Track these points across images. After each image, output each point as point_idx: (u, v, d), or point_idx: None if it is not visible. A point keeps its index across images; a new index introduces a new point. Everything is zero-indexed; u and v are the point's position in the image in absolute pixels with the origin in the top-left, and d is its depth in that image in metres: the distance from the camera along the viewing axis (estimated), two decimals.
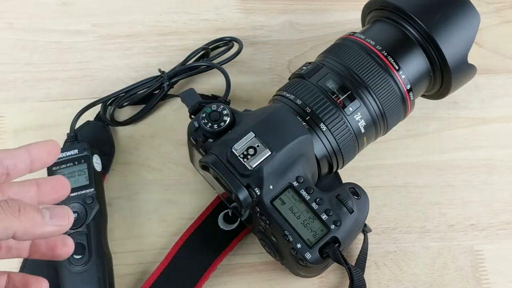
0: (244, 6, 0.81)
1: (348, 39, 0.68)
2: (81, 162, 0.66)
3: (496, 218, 0.71)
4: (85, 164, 0.65)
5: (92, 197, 0.64)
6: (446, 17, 0.65)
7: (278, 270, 0.67)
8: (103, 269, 0.63)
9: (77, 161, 0.66)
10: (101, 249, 0.64)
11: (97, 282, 0.62)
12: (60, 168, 0.65)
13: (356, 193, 0.61)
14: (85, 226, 0.63)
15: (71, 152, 0.66)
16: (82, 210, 0.63)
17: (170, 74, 0.72)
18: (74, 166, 0.65)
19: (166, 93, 0.72)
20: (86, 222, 0.63)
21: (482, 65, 0.72)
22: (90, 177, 0.65)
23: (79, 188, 0.64)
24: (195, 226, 0.68)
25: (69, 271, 0.62)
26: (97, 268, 0.63)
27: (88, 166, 0.65)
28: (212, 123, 0.61)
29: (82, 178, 0.65)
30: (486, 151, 0.74)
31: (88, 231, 0.63)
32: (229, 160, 0.58)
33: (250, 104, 0.74)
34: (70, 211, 0.44)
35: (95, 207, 0.64)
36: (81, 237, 0.63)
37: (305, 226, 0.59)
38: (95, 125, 0.72)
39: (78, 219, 0.63)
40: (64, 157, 0.65)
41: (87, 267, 0.62)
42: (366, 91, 0.64)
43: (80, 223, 0.63)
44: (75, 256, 0.62)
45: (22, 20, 0.79)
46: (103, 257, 0.64)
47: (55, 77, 0.76)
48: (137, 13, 0.80)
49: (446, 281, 0.68)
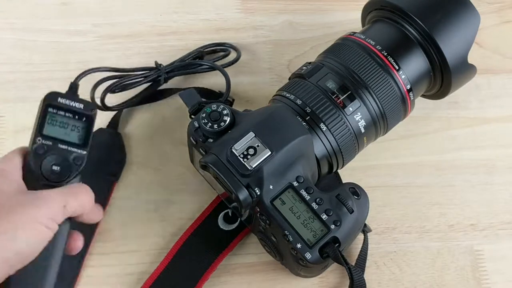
0: (244, 6, 0.81)
1: (348, 39, 0.68)
2: (81, 120, 0.58)
3: (496, 218, 0.71)
4: (85, 123, 0.58)
5: (82, 160, 0.57)
6: (446, 17, 0.65)
7: (278, 270, 0.67)
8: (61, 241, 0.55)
9: (78, 116, 0.58)
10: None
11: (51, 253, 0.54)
12: (57, 112, 0.58)
13: (356, 193, 0.61)
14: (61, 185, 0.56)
15: (76, 104, 0.58)
16: (66, 166, 0.56)
17: (168, 68, 0.72)
18: (71, 119, 0.58)
19: (160, 85, 0.72)
20: (65, 180, 0.56)
21: (482, 65, 0.72)
22: (86, 138, 0.58)
23: (70, 143, 0.57)
24: (195, 226, 0.68)
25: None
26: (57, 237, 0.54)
27: (88, 127, 0.58)
28: (212, 123, 0.61)
29: (75, 134, 0.58)
30: (486, 151, 0.74)
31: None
32: (229, 160, 0.58)
33: (250, 104, 0.74)
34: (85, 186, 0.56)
35: (80, 172, 0.57)
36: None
37: (305, 226, 0.59)
38: (107, 132, 0.72)
39: (58, 173, 0.56)
40: (66, 105, 0.58)
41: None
42: (366, 91, 0.64)
43: (60, 179, 0.56)
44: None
45: (22, 20, 0.79)
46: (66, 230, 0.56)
47: (55, 77, 0.76)
48: (137, 13, 0.80)
49: (446, 281, 0.68)
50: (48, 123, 0.57)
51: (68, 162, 0.56)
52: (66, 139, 0.57)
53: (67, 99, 0.58)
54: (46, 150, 0.56)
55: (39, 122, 0.57)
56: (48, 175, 0.55)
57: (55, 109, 0.58)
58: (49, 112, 0.58)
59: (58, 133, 0.57)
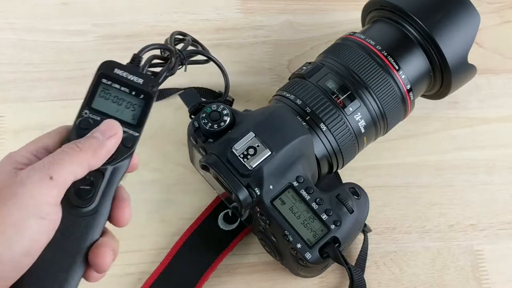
0: (244, 6, 0.81)
1: (348, 39, 0.68)
2: (138, 96, 0.50)
3: (496, 218, 0.71)
4: (142, 101, 0.50)
5: (132, 142, 0.49)
6: (446, 17, 0.65)
7: (278, 270, 0.67)
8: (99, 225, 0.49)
9: (135, 91, 0.50)
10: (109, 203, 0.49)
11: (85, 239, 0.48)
12: (111, 84, 0.50)
13: (356, 193, 0.61)
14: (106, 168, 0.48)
15: (134, 77, 0.50)
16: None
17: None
18: (127, 94, 0.50)
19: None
20: (110, 164, 0.48)
21: (482, 65, 0.72)
22: (142, 118, 0.50)
23: (121, 122, 0.49)
24: (195, 226, 0.68)
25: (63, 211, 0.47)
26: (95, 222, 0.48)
27: (145, 105, 0.50)
28: (212, 123, 0.61)
29: (129, 112, 0.50)
30: (486, 151, 0.74)
31: (106, 174, 0.49)
32: (229, 160, 0.58)
33: (250, 104, 0.74)
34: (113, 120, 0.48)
35: (129, 155, 0.49)
36: (95, 176, 0.48)
37: (305, 226, 0.59)
38: None
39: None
40: (123, 77, 0.50)
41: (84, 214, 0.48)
42: (366, 91, 0.64)
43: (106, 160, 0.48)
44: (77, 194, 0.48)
45: (22, 20, 0.79)
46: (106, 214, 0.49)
47: (55, 77, 0.76)
48: (137, 13, 0.80)
49: (446, 281, 0.68)
50: (99, 96, 0.50)
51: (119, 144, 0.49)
52: (118, 117, 0.49)
53: (125, 71, 0.50)
54: (92, 126, 0.48)
55: (89, 94, 0.50)
56: None
57: (110, 80, 0.50)
58: (102, 83, 0.50)
59: (110, 108, 0.49)
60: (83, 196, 0.47)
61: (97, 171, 0.48)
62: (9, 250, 0.42)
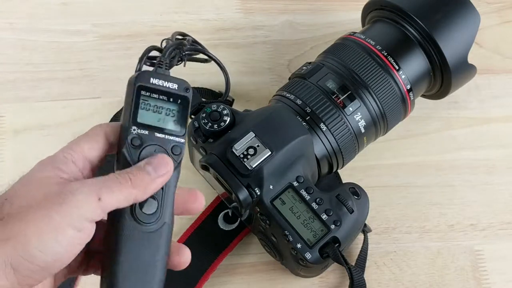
0: (244, 6, 0.81)
1: (348, 39, 0.68)
2: (176, 102, 0.50)
3: (496, 218, 0.71)
4: (180, 106, 0.50)
5: (181, 149, 0.50)
6: (446, 17, 0.65)
7: (278, 270, 0.67)
8: (169, 236, 0.50)
9: (173, 98, 0.50)
10: (172, 212, 0.51)
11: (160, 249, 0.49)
12: (150, 95, 0.50)
13: (356, 193, 0.61)
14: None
15: (169, 84, 0.50)
16: None
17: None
18: (166, 102, 0.50)
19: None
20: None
21: (482, 65, 0.72)
22: (183, 123, 0.51)
23: (166, 131, 0.50)
24: (195, 226, 0.68)
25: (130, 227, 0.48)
26: (165, 233, 0.50)
27: (183, 110, 0.51)
28: (212, 123, 0.61)
29: (171, 120, 0.50)
30: (486, 151, 0.74)
31: (165, 186, 0.50)
32: (229, 160, 0.58)
33: (250, 104, 0.74)
34: (166, 156, 0.48)
35: (180, 161, 0.50)
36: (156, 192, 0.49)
37: (305, 226, 0.59)
38: None
39: None
40: (159, 85, 0.50)
41: (155, 227, 0.49)
42: (366, 91, 0.64)
43: None
44: (144, 212, 0.49)
45: (22, 20, 0.79)
46: (172, 222, 0.51)
47: (55, 77, 0.76)
48: (137, 13, 0.80)
49: (446, 281, 0.68)
50: (141, 108, 0.49)
51: (166, 153, 0.49)
52: (162, 126, 0.50)
53: (160, 79, 0.50)
54: (143, 141, 0.49)
55: (132, 109, 0.49)
56: None
57: (148, 91, 0.50)
58: (142, 96, 0.49)
59: (153, 119, 0.49)
60: (150, 211, 0.49)
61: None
62: (42, 252, 0.43)
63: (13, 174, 0.48)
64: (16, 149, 0.72)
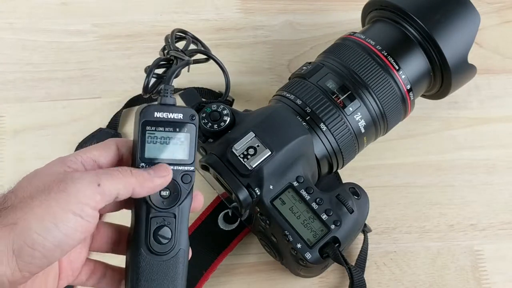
0: (244, 6, 0.81)
1: (348, 39, 0.68)
2: (183, 131, 0.51)
3: (496, 218, 0.71)
4: (187, 134, 0.51)
5: (190, 177, 0.51)
6: (446, 17, 0.65)
7: (278, 270, 0.67)
8: (186, 260, 0.52)
9: (179, 127, 0.51)
10: (186, 237, 0.52)
11: (178, 275, 0.51)
12: (156, 129, 0.51)
13: (356, 193, 0.61)
14: (175, 209, 0.51)
15: (174, 115, 0.51)
16: (175, 189, 0.51)
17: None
18: (172, 133, 0.51)
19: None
20: (178, 204, 0.51)
21: (482, 65, 0.72)
22: (191, 151, 0.52)
23: (175, 161, 0.51)
24: (195, 226, 0.68)
25: (146, 259, 0.50)
26: (181, 259, 0.51)
27: (191, 138, 0.51)
28: (212, 123, 0.61)
29: (179, 149, 0.52)
30: (486, 151, 0.74)
31: (178, 214, 0.51)
32: (229, 160, 0.58)
33: (250, 104, 0.74)
34: (165, 165, 0.50)
35: (191, 189, 0.52)
36: (168, 220, 0.51)
37: (305, 226, 0.59)
38: (107, 132, 0.72)
39: (169, 198, 0.51)
40: (164, 118, 0.51)
41: (170, 256, 0.51)
42: (366, 91, 0.64)
43: (171, 204, 0.51)
44: (159, 242, 0.51)
45: (22, 20, 0.79)
46: (188, 247, 0.52)
47: (55, 77, 0.76)
48: (137, 13, 0.80)
49: (446, 281, 0.68)
50: (148, 143, 0.51)
51: (176, 183, 0.51)
52: (170, 157, 0.51)
53: (164, 111, 0.51)
54: None
55: (139, 146, 0.50)
56: (159, 203, 0.50)
57: (154, 126, 0.51)
58: (148, 131, 0.51)
59: (161, 152, 0.51)
60: (164, 240, 0.51)
61: (169, 214, 0.51)
62: (42, 237, 0.44)
63: (13, 174, 0.48)
64: (16, 149, 0.72)
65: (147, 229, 0.50)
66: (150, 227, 0.50)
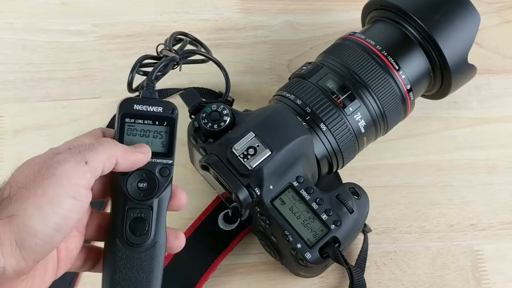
0: (244, 6, 0.81)
1: (348, 39, 0.68)
2: (162, 124, 0.53)
3: (496, 218, 0.71)
4: (167, 127, 0.53)
5: (169, 170, 0.52)
6: (446, 17, 0.65)
7: (278, 270, 0.67)
8: (163, 254, 0.52)
9: (158, 120, 0.53)
10: (164, 231, 0.52)
11: (154, 268, 0.52)
12: (135, 121, 0.52)
13: (356, 193, 0.61)
14: (152, 201, 0.52)
15: (154, 108, 0.53)
16: (152, 181, 0.52)
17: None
18: (151, 125, 0.53)
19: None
20: (154, 196, 0.51)
21: (482, 65, 0.72)
22: (171, 145, 0.53)
23: (153, 154, 0.52)
24: (195, 226, 0.68)
25: (122, 250, 0.51)
26: (158, 252, 0.52)
27: (171, 131, 0.53)
28: (212, 123, 0.61)
29: (157, 142, 0.53)
30: (486, 151, 0.74)
31: (154, 207, 0.52)
32: (229, 160, 0.58)
33: (250, 104, 0.74)
34: (146, 144, 0.51)
35: (169, 182, 0.52)
36: (145, 212, 0.51)
37: (305, 226, 0.59)
38: None
39: (146, 189, 0.51)
40: (143, 111, 0.52)
41: (146, 249, 0.51)
42: (366, 91, 0.64)
43: (148, 196, 0.51)
44: (134, 233, 0.51)
45: (22, 20, 0.79)
46: (165, 241, 0.52)
47: (55, 77, 0.76)
48: (137, 13, 0.80)
49: (446, 281, 0.68)
50: (128, 135, 0.52)
51: (154, 175, 0.52)
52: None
53: (144, 104, 0.53)
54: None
55: (118, 136, 0.52)
56: (135, 194, 0.51)
57: (132, 118, 0.52)
58: (127, 123, 0.52)
59: (140, 143, 0.52)
60: (140, 232, 0.51)
61: (145, 206, 0.51)
62: (43, 225, 0.45)
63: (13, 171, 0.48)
64: (16, 149, 0.72)
65: (123, 220, 0.51)
66: (126, 218, 0.51)
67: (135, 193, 0.51)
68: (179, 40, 0.66)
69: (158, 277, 0.52)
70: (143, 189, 0.51)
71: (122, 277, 0.51)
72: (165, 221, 0.52)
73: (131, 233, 0.51)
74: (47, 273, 0.50)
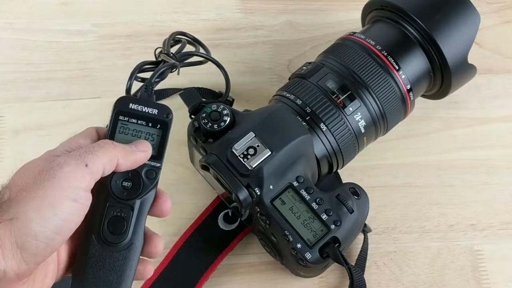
0: (244, 6, 0.81)
1: (348, 39, 0.68)
2: (155, 127, 0.53)
3: (496, 218, 0.71)
4: (159, 130, 0.53)
5: (155, 173, 0.52)
6: (446, 17, 0.65)
7: (278, 270, 0.67)
8: (137, 257, 0.52)
9: (152, 122, 0.53)
10: (142, 234, 0.52)
11: (126, 270, 0.51)
12: (128, 120, 0.52)
13: (356, 193, 0.61)
14: (134, 202, 0.51)
15: (149, 109, 0.53)
16: (137, 181, 0.51)
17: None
18: (144, 126, 0.52)
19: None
20: (137, 197, 0.51)
21: (482, 65, 0.72)
22: (161, 148, 0.52)
23: None
24: (195, 226, 0.68)
25: (96, 247, 0.50)
26: (132, 254, 0.51)
27: (163, 135, 0.53)
28: (212, 123, 0.61)
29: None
30: (486, 151, 0.74)
31: (136, 208, 0.51)
32: (229, 160, 0.58)
33: (250, 104, 0.74)
34: (146, 141, 0.51)
35: (154, 185, 0.52)
36: (125, 212, 0.51)
37: (305, 226, 0.59)
38: None
39: (130, 189, 0.51)
40: (138, 111, 0.52)
41: (120, 249, 0.51)
42: (366, 91, 0.64)
43: (131, 196, 0.51)
44: (111, 232, 0.51)
45: (22, 20, 0.79)
46: (141, 244, 0.52)
47: (55, 77, 0.76)
48: (137, 13, 0.80)
49: (446, 281, 0.68)
50: (119, 132, 0.52)
51: (139, 176, 0.51)
52: None
53: (140, 104, 0.53)
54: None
55: (110, 133, 0.52)
56: (118, 192, 0.51)
57: (127, 116, 0.52)
58: (120, 120, 0.52)
59: (130, 142, 0.52)
60: (117, 231, 0.51)
61: (126, 206, 0.51)
62: (44, 228, 0.45)
63: (13, 174, 0.49)
64: (16, 149, 0.72)
65: (102, 216, 0.51)
66: (105, 215, 0.51)
67: (118, 191, 0.51)
68: (178, 40, 0.66)
69: (128, 279, 0.51)
70: (127, 188, 0.51)
71: (92, 274, 0.50)
72: (144, 224, 0.52)
73: (108, 231, 0.51)
74: (48, 275, 0.50)
